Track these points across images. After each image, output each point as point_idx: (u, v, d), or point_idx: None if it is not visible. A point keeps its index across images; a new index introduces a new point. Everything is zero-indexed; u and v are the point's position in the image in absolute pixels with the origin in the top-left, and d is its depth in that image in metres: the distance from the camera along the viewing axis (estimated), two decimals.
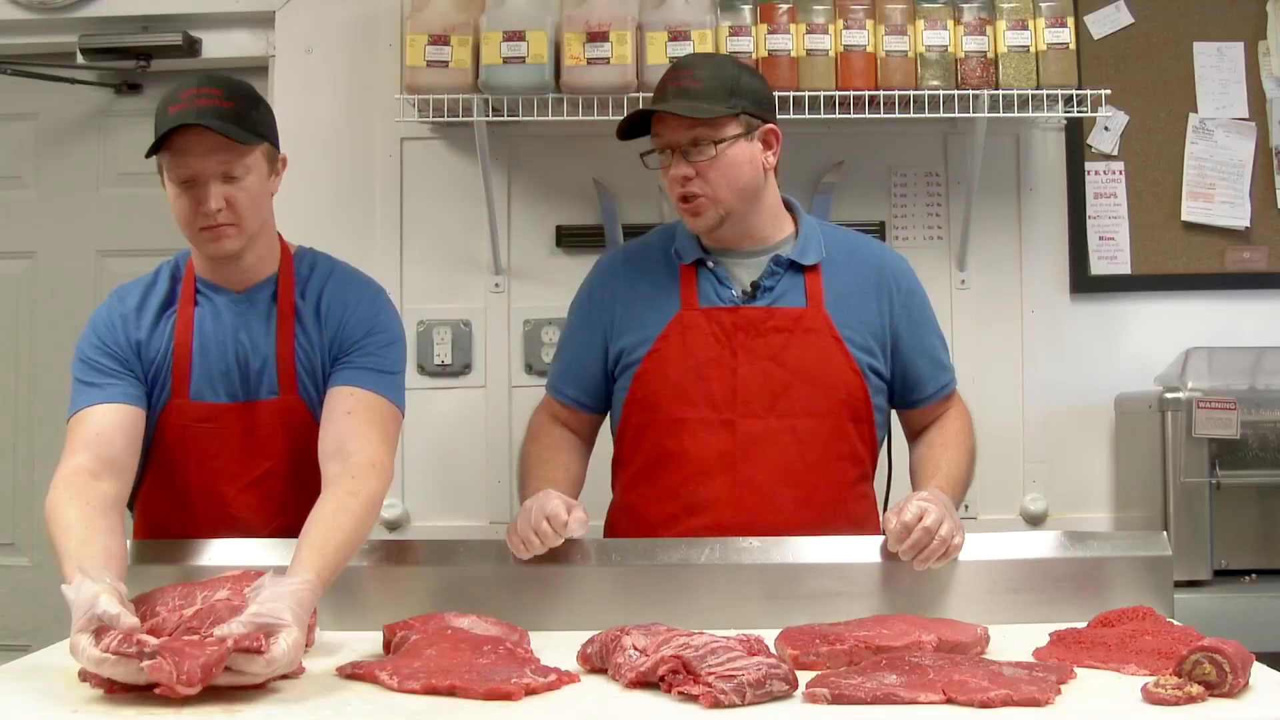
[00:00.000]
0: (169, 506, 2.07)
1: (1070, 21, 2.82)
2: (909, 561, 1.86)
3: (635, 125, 2.11)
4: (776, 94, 2.75)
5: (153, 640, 1.46)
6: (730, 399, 2.08)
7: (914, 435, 2.26)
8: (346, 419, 1.94)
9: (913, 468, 2.20)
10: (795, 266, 2.12)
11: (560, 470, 2.15)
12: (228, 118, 1.89)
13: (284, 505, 2.01)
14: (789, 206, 2.20)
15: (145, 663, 1.42)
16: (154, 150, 1.90)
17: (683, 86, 2.05)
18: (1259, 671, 1.52)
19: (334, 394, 1.99)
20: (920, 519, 1.85)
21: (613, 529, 2.21)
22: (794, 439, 2.07)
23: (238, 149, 1.92)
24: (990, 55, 2.81)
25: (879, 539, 1.96)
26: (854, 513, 2.13)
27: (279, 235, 2.10)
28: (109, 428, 1.93)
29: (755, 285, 2.11)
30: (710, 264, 2.13)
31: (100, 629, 1.49)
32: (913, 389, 2.19)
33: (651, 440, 2.12)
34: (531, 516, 1.88)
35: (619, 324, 2.17)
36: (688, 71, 2.07)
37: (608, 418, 2.27)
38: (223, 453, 2.03)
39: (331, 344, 2.04)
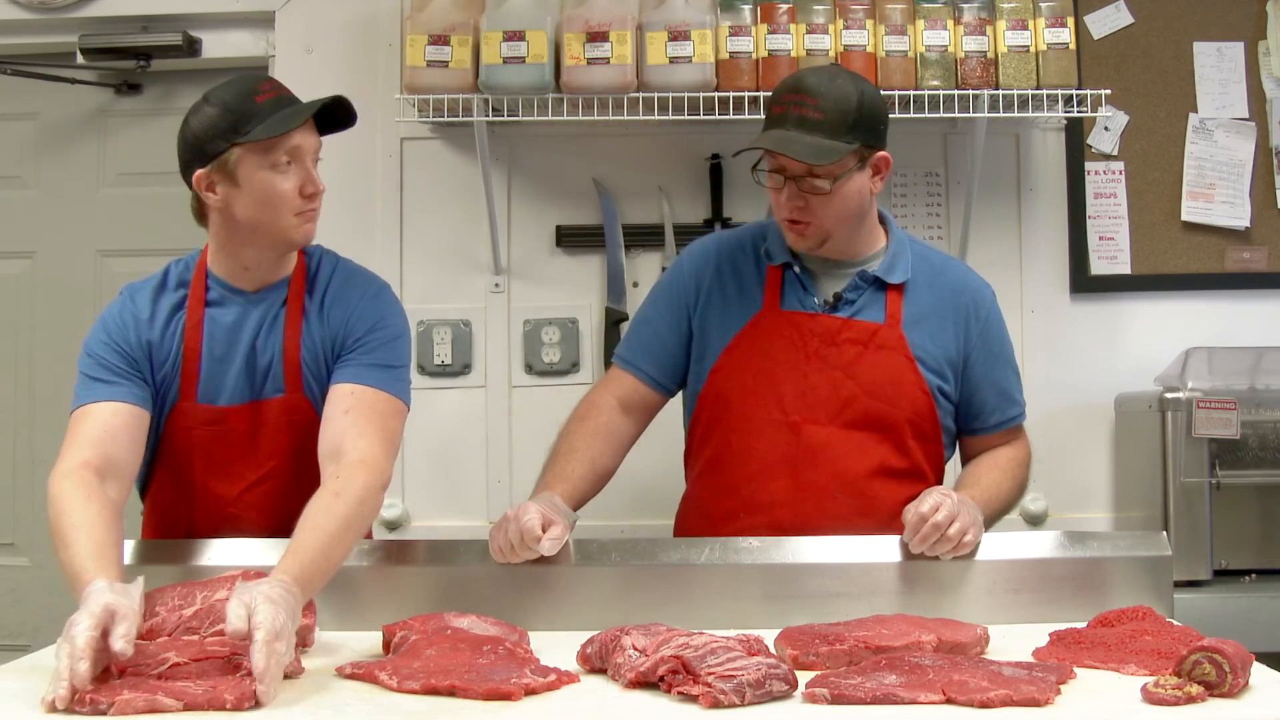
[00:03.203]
0: (175, 506, 2.08)
1: (1070, 21, 2.82)
2: (917, 551, 1.88)
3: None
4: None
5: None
6: (799, 403, 2.09)
7: (967, 460, 2.26)
8: (344, 418, 1.93)
9: (955, 485, 2.19)
10: (879, 283, 2.13)
11: (585, 465, 2.12)
12: (340, 106, 2.01)
13: (285, 504, 2.01)
14: (881, 219, 2.21)
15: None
16: (252, 136, 1.89)
17: (804, 116, 2.01)
18: (1259, 671, 1.52)
19: (334, 392, 1.99)
20: (935, 512, 1.86)
21: (681, 520, 2.24)
22: (855, 450, 2.09)
23: (318, 139, 2.01)
24: (990, 55, 2.81)
25: (878, 539, 1.96)
26: None
27: None
28: (115, 428, 1.92)
29: (838, 297, 2.12)
30: (797, 269, 2.14)
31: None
32: (975, 417, 2.20)
33: (719, 436, 2.14)
34: (509, 529, 1.88)
35: (704, 313, 2.18)
36: (812, 100, 2.01)
37: (679, 411, 2.27)
38: (228, 454, 2.04)
39: (335, 340, 2.04)
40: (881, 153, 2.08)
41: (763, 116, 2.75)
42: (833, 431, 2.09)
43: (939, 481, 2.20)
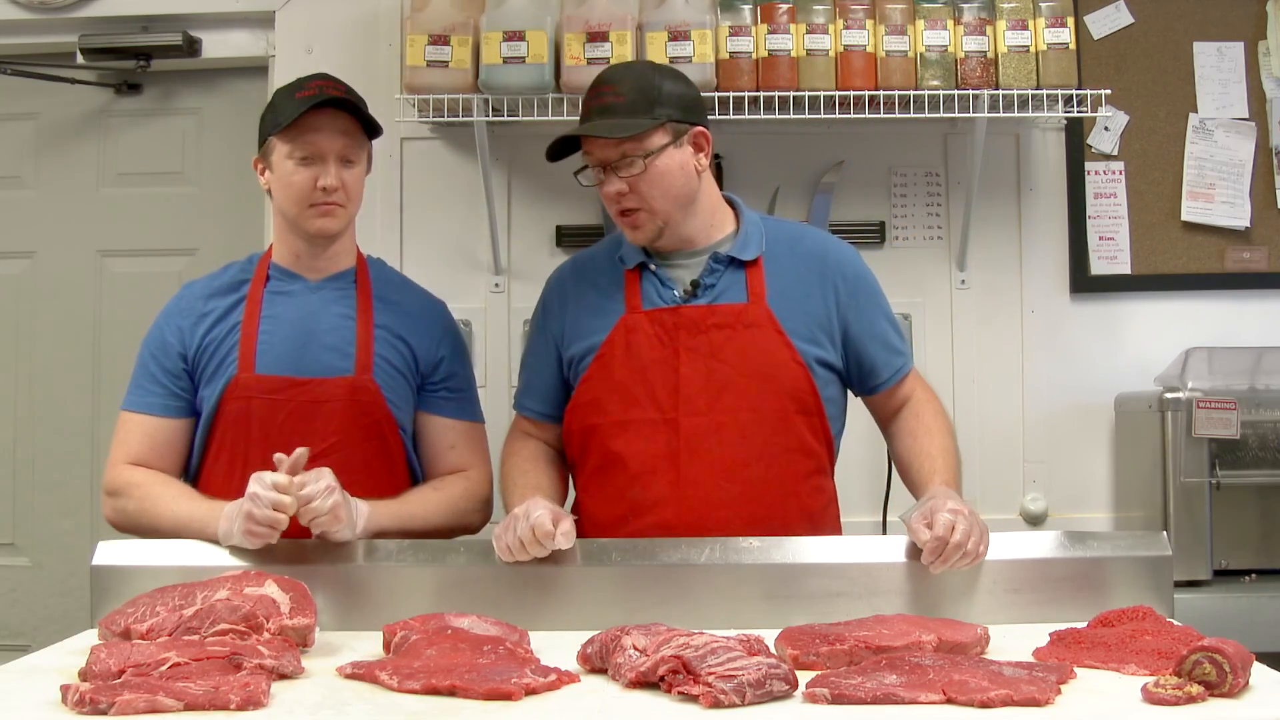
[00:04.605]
0: (230, 479, 2.10)
1: (1070, 21, 2.82)
2: (938, 572, 1.85)
3: (565, 144, 2.12)
4: (776, 94, 2.78)
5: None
6: (673, 398, 2.08)
7: (884, 420, 2.25)
8: (451, 454, 2.26)
9: (900, 461, 2.18)
10: (736, 263, 2.13)
11: (544, 478, 2.16)
12: (354, 106, 2.13)
13: (346, 482, 2.01)
14: (731, 204, 2.21)
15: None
16: (279, 129, 2.09)
17: (606, 104, 2.06)
18: (1259, 671, 1.52)
19: (436, 426, 2.25)
20: (952, 531, 1.83)
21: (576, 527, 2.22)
22: (737, 434, 2.07)
23: (358, 137, 2.16)
24: (990, 55, 2.81)
25: (878, 539, 1.96)
26: (808, 506, 2.12)
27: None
28: (158, 443, 2.16)
29: (695, 284, 2.12)
30: (652, 267, 2.14)
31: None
32: (869, 375, 2.19)
33: (598, 443, 2.13)
34: (519, 526, 1.88)
35: (569, 332, 2.19)
36: (609, 87, 2.08)
37: None
38: (287, 424, 2.11)
39: (425, 360, 2.23)
40: (697, 128, 2.09)
41: (764, 116, 2.78)
42: (711, 420, 2.07)
43: (832, 458, 2.19)
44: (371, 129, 2.17)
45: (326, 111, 2.11)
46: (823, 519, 2.15)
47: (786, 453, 2.10)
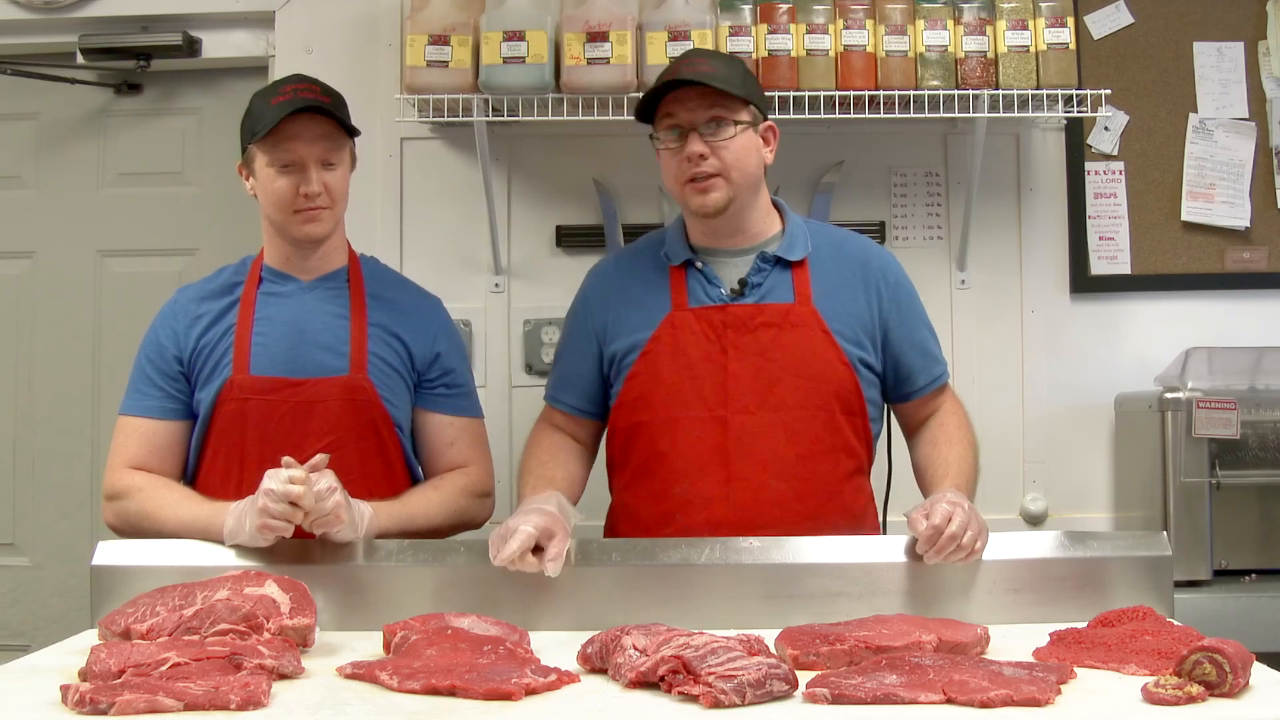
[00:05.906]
0: (226, 482, 2.11)
1: (1070, 21, 2.81)
2: (932, 563, 1.86)
3: (654, 98, 2.11)
4: (776, 94, 2.78)
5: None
6: (721, 396, 2.08)
7: (911, 430, 2.26)
8: (450, 450, 2.26)
9: (918, 466, 2.19)
10: (782, 263, 2.14)
11: (560, 470, 2.16)
12: (330, 110, 2.12)
13: (343, 481, 2.00)
14: (776, 207, 2.23)
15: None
16: (257, 137, 2.09)
17: (700, 70, 2.07)
18: (1259, 671, 1.52)
19: (434, 423, 2.25)
20: (949, 521, 1.84)
21: (612, 530, 2.22)
22: (785, 433, 2.08)
23: (337, 138, 2.14)
24: (990, 55, 2.81)
25: (879, 539, 1.96)
26: (850, 505, 2.13)
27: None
28: (158, 446, 2.15)
29: (743, 282, 2.13)
30: (699, 264, 2.15)
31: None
32: (905, 381, 2.20)
33: (645, 440, 2.13)
34: (510, 544, 1.82)
35: (611, 328, 2.18)
36: (702, 60, 2.12)
37: None
38: (283, 425, 2.11)
39: (420, 358, 2.23)
40: (768, 121, 2.14)
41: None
42: (760, 418, 2.08)
43: (870, 459, 2.20)
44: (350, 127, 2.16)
45: (303, 115, 2.09)
46: (864, 518, 2.16)
47: (832, 452, 2.11)
